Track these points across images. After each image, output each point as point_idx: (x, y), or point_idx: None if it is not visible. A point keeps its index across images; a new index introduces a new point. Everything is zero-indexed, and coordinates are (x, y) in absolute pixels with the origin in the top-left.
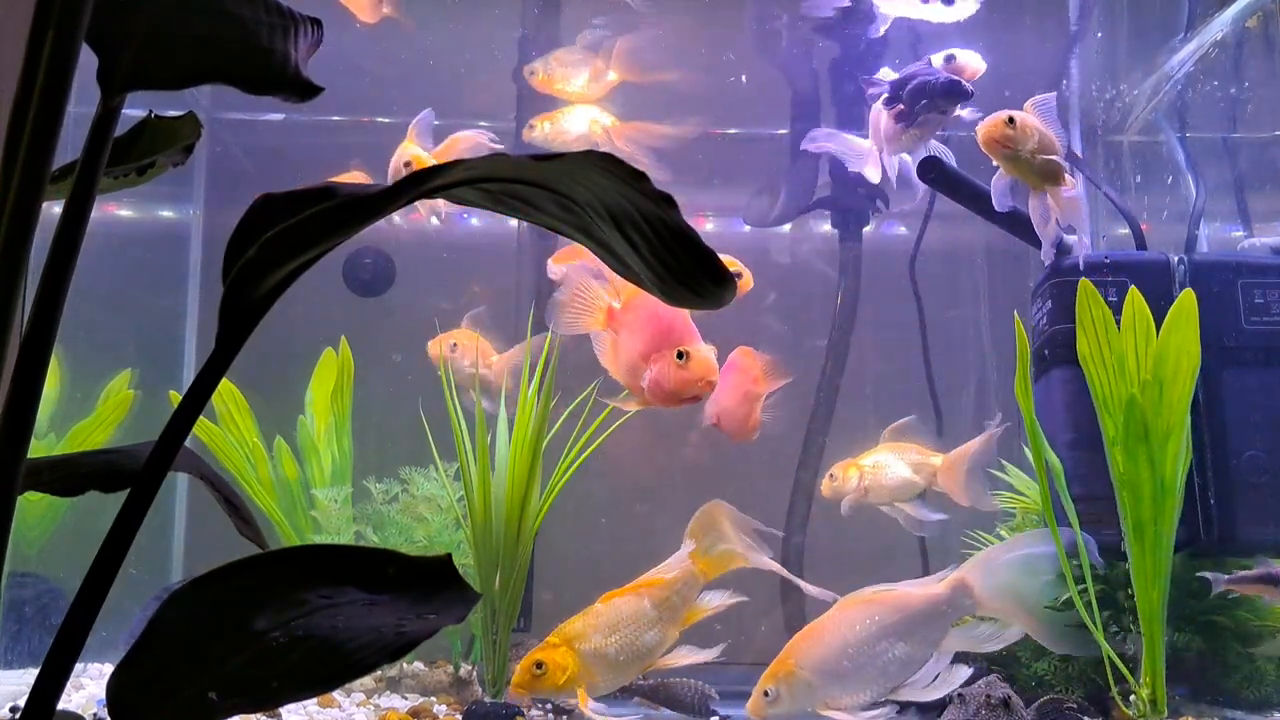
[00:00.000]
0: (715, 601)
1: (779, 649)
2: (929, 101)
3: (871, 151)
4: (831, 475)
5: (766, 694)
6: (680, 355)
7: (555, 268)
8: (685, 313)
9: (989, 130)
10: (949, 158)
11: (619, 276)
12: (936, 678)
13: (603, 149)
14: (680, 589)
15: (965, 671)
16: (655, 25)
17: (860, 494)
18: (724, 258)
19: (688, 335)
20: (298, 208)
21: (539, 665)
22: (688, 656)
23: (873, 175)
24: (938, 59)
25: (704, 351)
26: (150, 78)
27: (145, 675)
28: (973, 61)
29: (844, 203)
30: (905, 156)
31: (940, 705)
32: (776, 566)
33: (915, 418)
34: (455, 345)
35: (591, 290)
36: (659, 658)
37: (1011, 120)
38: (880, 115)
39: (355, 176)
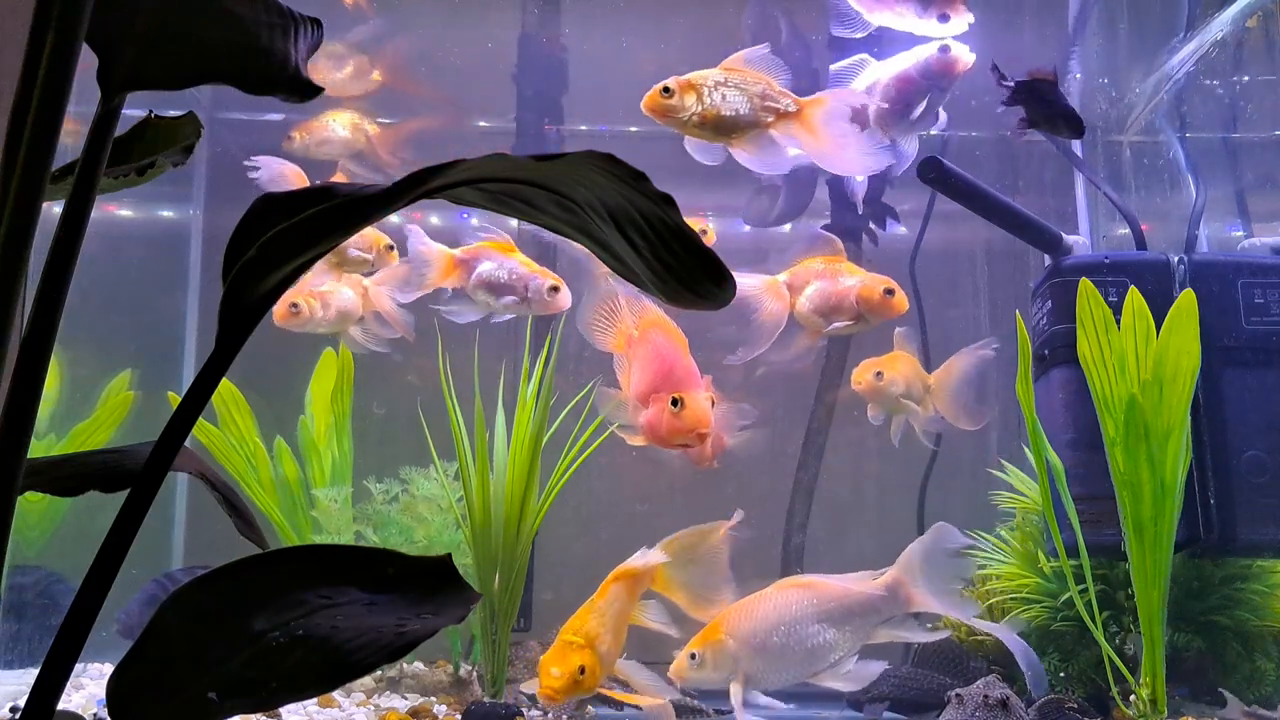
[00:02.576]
0: (654, 619)
1: None
2: (1050, 123)
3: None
4: (879, 374)
5: (693, 657)
6: (675, 402)
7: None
8: (687, 357)
9: (646, 103)
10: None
11: (638, 306)
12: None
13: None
14: (638, 585)
15: (879, 666)
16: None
17: (883, 386)
18: (879, 277)
19: (686, 381)
20: (298, 208)
21: (583, 670)
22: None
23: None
24: (931, 48)
25: (699, 401)
26: (150, 78)
27: (145, 675)
28: (964, 54)
29: (844, 225)
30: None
31: (939, 704)
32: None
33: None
34: (296, 306)
35: (618, 311)
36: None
37: (667, 90)
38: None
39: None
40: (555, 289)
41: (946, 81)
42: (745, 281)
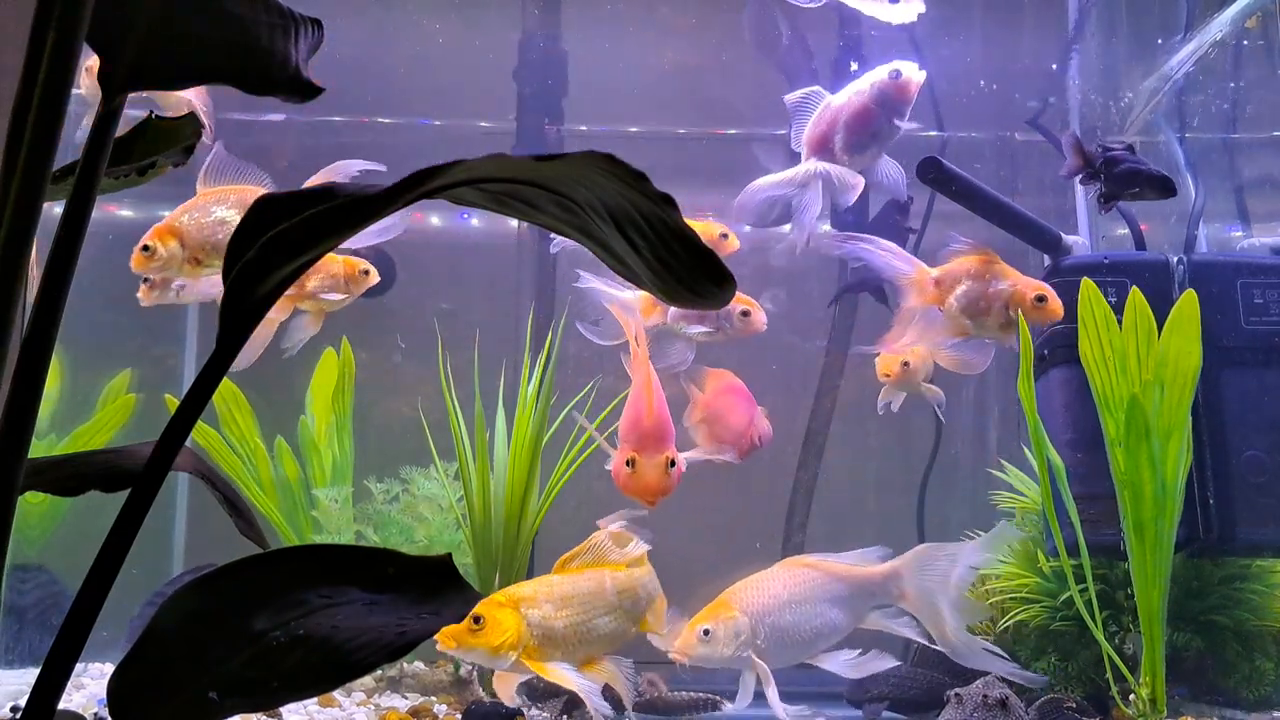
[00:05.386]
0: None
1: None
2: (1138, 190)
3: (808, 174)
4: (906, 364)
5: (706, 632)
6: (629, 462)
7: None
8: (658, 413)
9: (134, 267)
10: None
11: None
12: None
13: None
14: (646, 584)
15: (889, 660)
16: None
17: (910, 374)
18: (1032, 281)
19: (646, 442)
20: (298, 208)
21: (477, 620)
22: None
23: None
24: (882, 72)
25: (651, 470)
26: (150, 78)
27: (145, 675)
28: (915, 75)
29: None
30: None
31: (938, 704)
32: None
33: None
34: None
35: (627, 320)
36: (609, 650)
37: (146, 248)
38: (825, 134)
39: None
40: (746, 313)
41: (903, 107)
42: (899, 259)
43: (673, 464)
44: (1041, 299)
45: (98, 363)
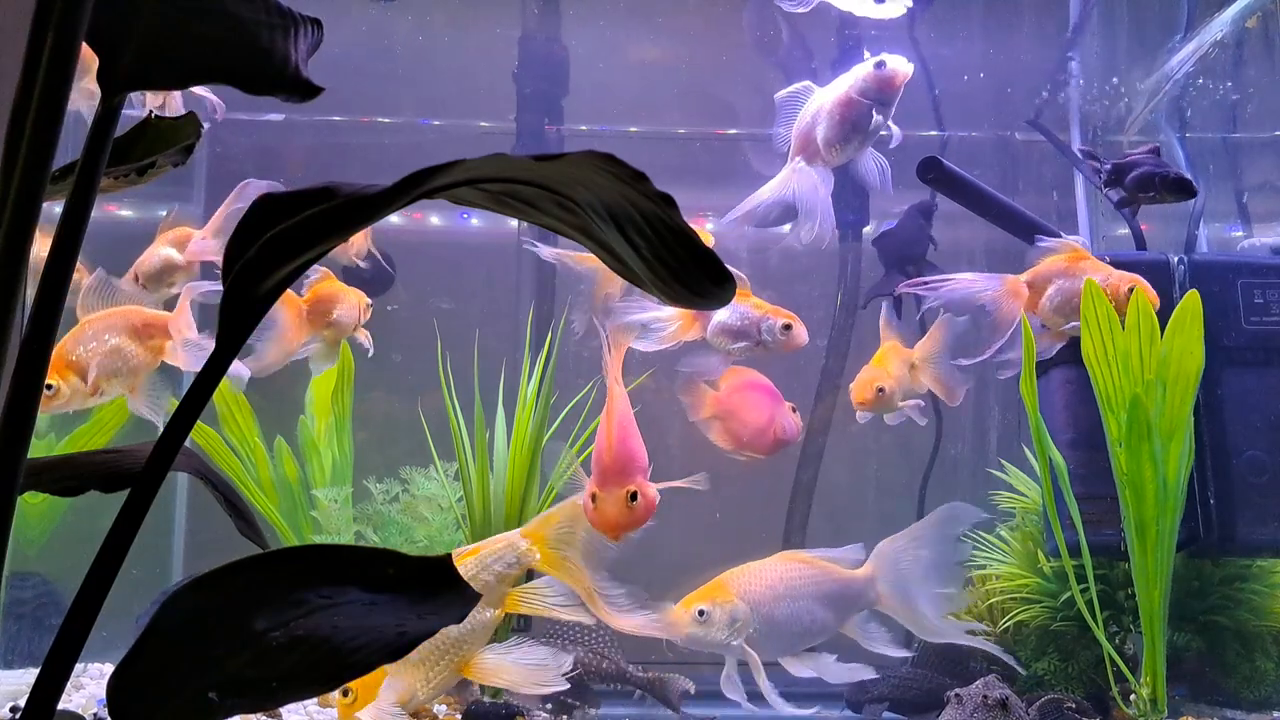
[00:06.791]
0: (556, 602)
1: None
2: (1155, 194)
3: (798, 176)
4: (881, 389)
5: (701, 613)
6: (594, 497)
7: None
8: (620, 446)
9: (43, 411)
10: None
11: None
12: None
13: None
14: (494, 564)
15: (868, 671)
16: None
17: (886, 398)
18: (1124, 275)
19: (609, 476)
20: (298, 208)
21: (346, 693)
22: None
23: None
24: (868, 65)
25: (611, 506)
26: (150, 78)
27: (145, 675)
28: (903, 66)
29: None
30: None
31: (939, 704)
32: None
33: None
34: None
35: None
36: (477, 649)
37: (49, 386)
38: (809, 127)
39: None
40: (788, 327)
41: (887, 97)
42: (982, 282)
43: (635, 497)
44: (1134, 290)
45: None
